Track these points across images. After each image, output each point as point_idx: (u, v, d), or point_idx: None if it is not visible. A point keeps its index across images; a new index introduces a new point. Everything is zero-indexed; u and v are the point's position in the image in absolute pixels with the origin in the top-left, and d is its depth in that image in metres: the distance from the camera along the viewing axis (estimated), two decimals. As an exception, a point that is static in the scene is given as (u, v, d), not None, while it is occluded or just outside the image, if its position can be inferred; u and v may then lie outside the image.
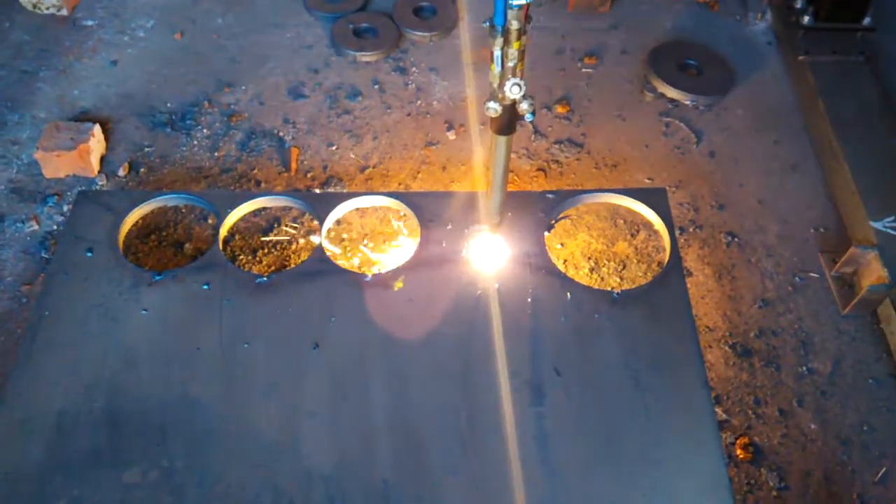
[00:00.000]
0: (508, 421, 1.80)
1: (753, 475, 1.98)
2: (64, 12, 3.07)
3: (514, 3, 1.48)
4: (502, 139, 1.77)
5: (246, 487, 1.71)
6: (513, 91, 1.62)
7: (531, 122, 1.70)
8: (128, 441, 1.77)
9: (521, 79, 1.62)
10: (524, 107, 1.66)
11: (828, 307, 2.31)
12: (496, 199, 1.94)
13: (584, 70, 2.96)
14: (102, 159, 2.59)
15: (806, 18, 2.91)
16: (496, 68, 1.60)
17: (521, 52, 1.58)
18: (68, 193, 2.48)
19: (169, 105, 2.78)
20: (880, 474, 1.99)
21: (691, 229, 2.46)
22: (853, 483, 1.98)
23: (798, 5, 2.96)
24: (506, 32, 1.55)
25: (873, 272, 2.22)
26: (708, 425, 1.80)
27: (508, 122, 1.72)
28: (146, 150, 2.63)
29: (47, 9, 3.06)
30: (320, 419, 1.80)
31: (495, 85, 1.64)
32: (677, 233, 2.25)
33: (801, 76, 2.85)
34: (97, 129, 2.55)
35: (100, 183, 2.52)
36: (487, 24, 1.56)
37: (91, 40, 3.00)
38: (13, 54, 2.93)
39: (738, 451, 2.01)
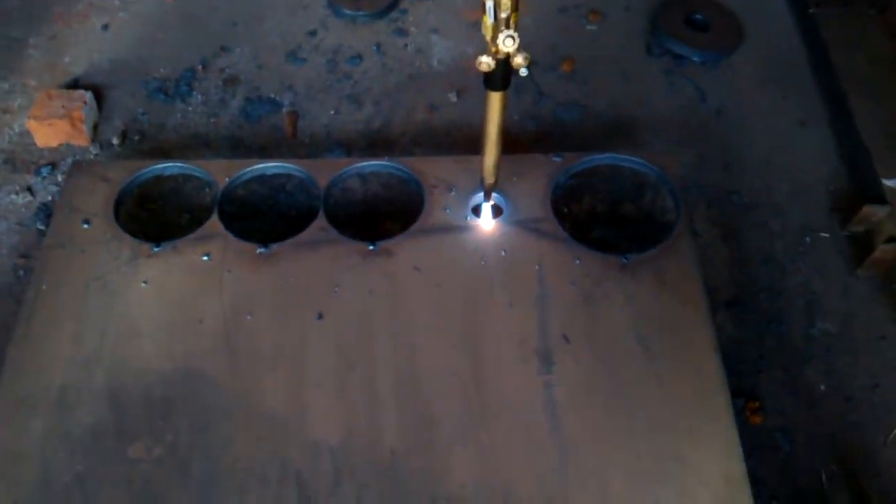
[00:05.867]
0: (517, 389, 1.77)
1: (763, 438, 1.96)
2: (52, -24, 2.98)
3: None
4: (496, 95, 1.70)
5: (252, 460, 1.69)
6: (506, 44, 1.52)
7: (528, 75, 1.58)
8: (131, 415, 1.74)
9: (516, 30, 1.53)
10: (519, 60, 1.57)
11: (838, 267, 2.27)
12: (490, 160, 1.88)
13: (588, 28, 2.88)
14: (96, 127, 2.53)
15: (816, -31, 2.83)
16: (489, 19, 1.50)
17: (515, 2, 1.49)
18: (62, 163, 2.43)
19: (163, 71, 2.71)
20: (891, 436, 1.97)
21: (698, 189, 2.41)
22: (863, 444, 1.97)
23: (808, -44, 2.87)
24: None
25: (885, 231, 2.18)
26: (719, 391, 1.77)
27: (502, 76, 1.65)
28: (140, 117, 2.57)
29: (34, -28, 2.97)
30: (326, 390, 1.78)
31: (488, 38, 1.55)
32: (683, 193, 2.21)
33: (811, 29, 2.78)
34: (89, 96, 2.49)
35: (93, 152, 2.47)
36: None
37: (81, 4, 2.92)
38: (2, 21, 2.85)
39: (748, 414, 1.99)
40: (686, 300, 1.92)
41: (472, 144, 2.48)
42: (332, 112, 2.60)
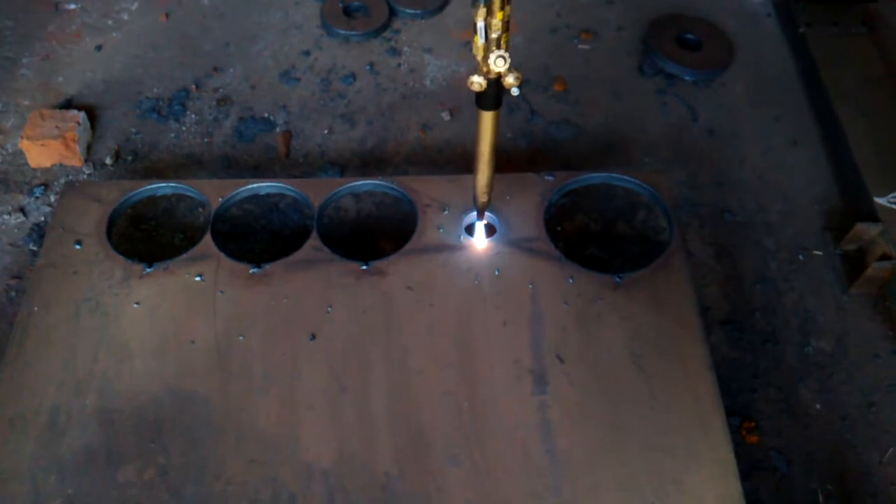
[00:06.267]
0: (511, 410, 1.77)
1: (759, 458, 1.95)
2: (46, -4, 2.99)
3: None
4: (488, 115, 1.71)
5: (245, 483, 1.67)
6: (497, 64, 1.54)
7: (520, 94, 1.60)
8: (122, 438, 1.73)
9: (506, 51, 1.54)
10: (510, 80, 1.59)
11: (831, 285, 2.27)
12: (483, 179, 1.88)
13: (580, 47, 2.90)
14: (89, 147, 2.53)
15: (806, -11, 2.86)
16: (480, 40, 1.53)
17: (506, 23, 1.51)
18: (55, 183, 2.42)
19: (156, 90, 2.71)
20: (887, 455, 1.97)
21: (691, 208, 2.42)
22: (859, 463, 1.96)
23: (798, -24, 2.90)
24: (488, 2, 1.47)
25: (878, 249, 2.19)
26: (714, 410, 1.77)
27: (494, 96, 1.66)
28: (134, 137, 2.57)
29: (28, -8, 2.98)
30: (319, 412, 1.77)
31: (479, 58, 1.57)
32: (676, 212, 2.21)
33: (802, 49, 2.80)
34: (83, 116, 2.49)
35: (87, 172, 2.46)
36: None
37: (74, 24, 2.93)
38: (-5, 40, 2.86)
39: (744, 434, 1.98)
40: (680, 319, 1.91)
41: (465, 163, 2.49)
42: (325, 131, 2.61)
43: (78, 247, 2.02)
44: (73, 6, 2.99)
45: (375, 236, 2.26)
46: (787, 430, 2.01)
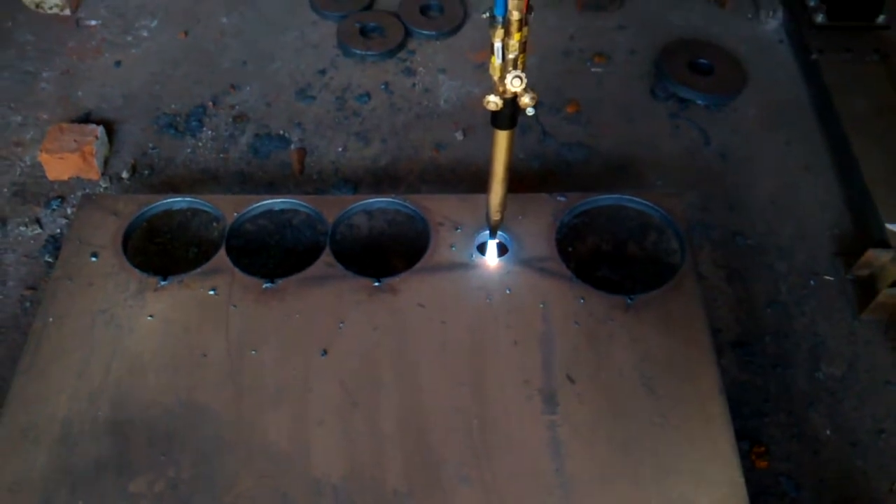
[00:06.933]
0: (521, 429, 1.77)
1: (769, 483, 1.95)
2: (67, 12, 3.04)
3: None
4: (503, 134, 1.73)
5: (254, 498, 1.68)
6: (514, 84, 1.57)
7: (533, 115, 1.63)
8: (134, 450, 1.74)
9: (523, 71, 1.57)
10: (526, 100, 1.61)
11: (842, 310, 2.27)
12: (496, 198, 1.90)
13: (593, 70, 2.92)
14: (106, 161, 2.56)
15: (819, 16, 2.88)
16: (497, 60, 1.55)
17: (523, 44, 1.53)
18: (72, 196, 2.45)
19: (174, 106, 2.75)
20: (897, 483, 1.96)
21: (702, 230, 2.43)
22: (869, 490, 1.95)
23: (811, 3, 2.92)
24: (506, 23, 1.50)
25: (890, 275, 2.19)
26: (725, 434, 1.76)
27: (510, 116, 1.68)
28: (150, 152, 2.60)
29: (50, 8, 3.03)
30: (330, 427, 1.77)
31: (496, 78, 1.59)
32: (688, 234, 2.22)
33: (814, 75, 2.81)
34: (101, 130, 2.52)
35: (103, 185, 2.49)
36: (487, 14, 1.51)
37: (94, 40, 2.98)
38: (16, 54, 2.90)
39: (754, 458, 1.98)
40: (691, 341, 1.91)
41: (477, 182, 2.50)
42: (339, 149, 2.63)
43: (94, 259, 2.04)
44: (93, 22, 3.04)
45: (388, 254, 2.28)
46: (797, 456, 2.00)
